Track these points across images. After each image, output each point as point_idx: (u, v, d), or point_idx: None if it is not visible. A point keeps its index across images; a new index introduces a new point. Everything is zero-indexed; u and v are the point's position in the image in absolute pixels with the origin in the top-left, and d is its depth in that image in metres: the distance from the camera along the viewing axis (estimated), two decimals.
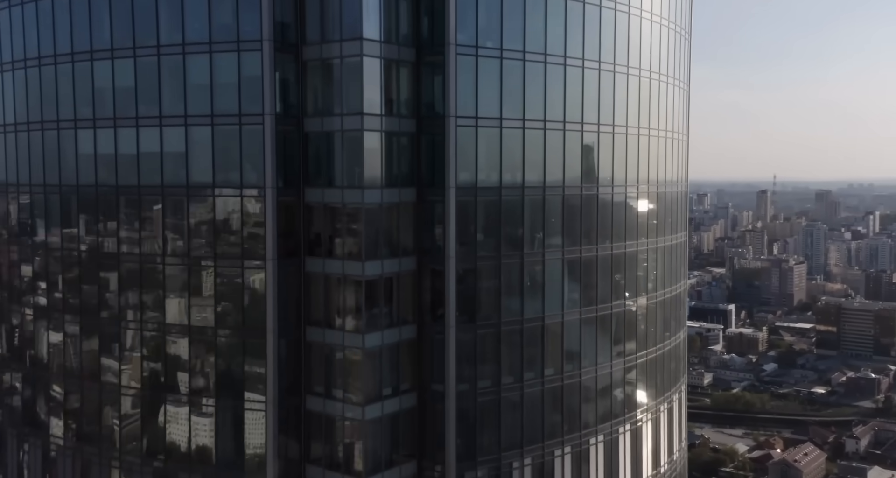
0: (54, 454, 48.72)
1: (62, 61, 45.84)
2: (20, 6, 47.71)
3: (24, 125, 48.52)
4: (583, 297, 46.98)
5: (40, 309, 49.00)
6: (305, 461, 43.00)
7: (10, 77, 49.33)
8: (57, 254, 47.78)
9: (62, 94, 46.15)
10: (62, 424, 48.34)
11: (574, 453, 46.97)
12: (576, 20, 45.37)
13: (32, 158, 48.37)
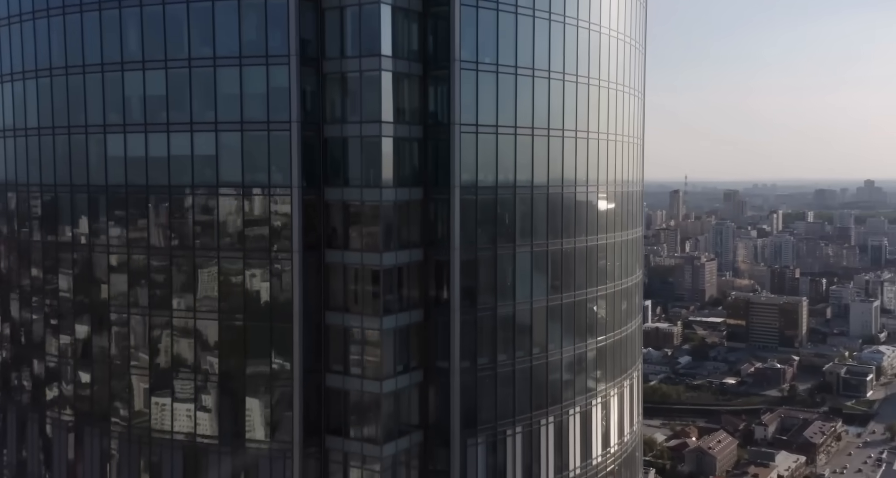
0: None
1: (91, 71, 49.70)
2: (45, 19, 51.34)
3: (50, 129, 52.04)
4: (563, 284, 53.04)
5: (74, 302, 52.59)
6: (325, 432, 47.96)
7: (33, 84, 52.77)
8: (83, 248, 51.55)
9: (91, 100, 49.98)
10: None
11: (556, 423, 53.07)
12: (557, 38, 51.44)
13: (58, 159, 51.95)
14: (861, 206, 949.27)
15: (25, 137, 53.70)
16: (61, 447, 53.23)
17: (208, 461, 48.66)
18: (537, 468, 52.08)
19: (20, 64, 53.54)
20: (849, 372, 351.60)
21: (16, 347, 56.79)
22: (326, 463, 48.09)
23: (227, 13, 46.19)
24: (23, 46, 53.15)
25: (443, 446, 48.62)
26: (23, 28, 52.83)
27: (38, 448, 55.03)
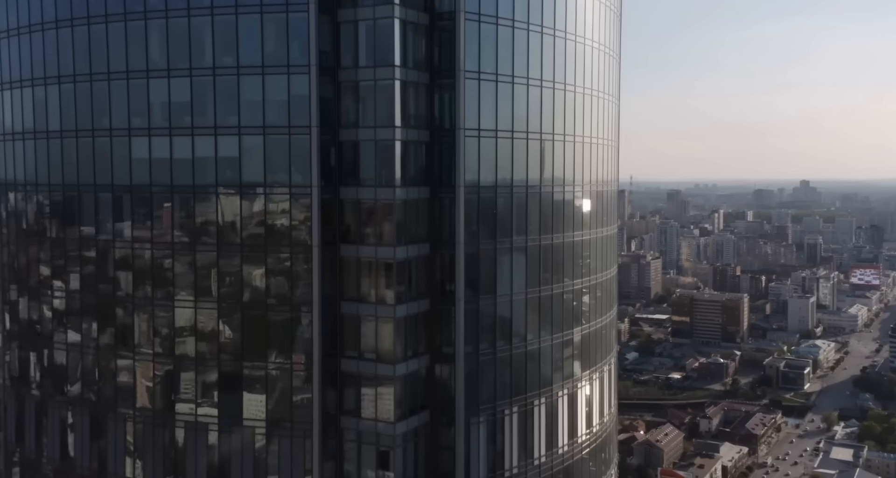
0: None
1: (116, 78, 52.93)
2: (69, 28, 54.36)
3: (73, 132, 55.07)
4: (553, 277, 57.71)
5: (100, 294, 55.65)
6: (340, 413, 51.93)
7: (55, 89, 55.71)
8: (106, 244, 54.76)
9: (116, 105, 53.26)
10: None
11: (547, 403, 57.75)
12: (548, 50, 56.10)
13: (81, 161, 55.01)
14: (797, 205, 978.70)
15: (47, 140, 56.53)
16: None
17: (232, 441, 52.24)
18: (531, 445, 56.66)
19: (42, 70, 56.36)
20: (787, 366, 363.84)
21: (46, 338, 59.29)
22: (342, 441, 52.04)
23: (249, 26, 49.91)
24: (44, 53, 56.05)
25: (447, 424, 52.96)
26: (45, 36, 55.77)
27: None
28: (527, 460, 56.23)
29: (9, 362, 61.79)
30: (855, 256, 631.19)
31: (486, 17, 51.79)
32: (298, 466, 51.21)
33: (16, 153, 59.26)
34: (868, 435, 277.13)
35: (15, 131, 59.29)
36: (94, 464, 56.47)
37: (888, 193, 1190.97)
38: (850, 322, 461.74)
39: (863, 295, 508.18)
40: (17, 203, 60.54)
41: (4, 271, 61.92)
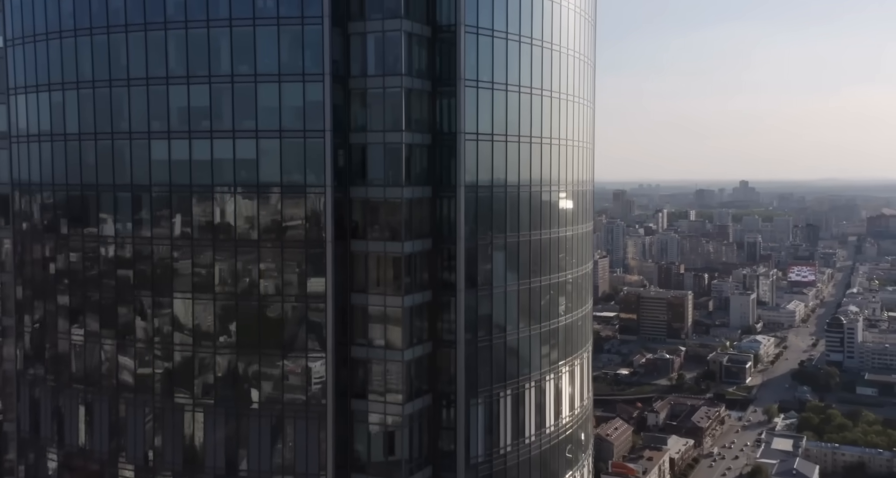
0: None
1: (136, 84, 56.24)
2: (88, 36, 57.42)
3: (91, 135, 58.17)
4: (541, 269, 62.38)
5: (125, 286, 58.80)
6: (350, 396, 55.98)
7: (73, 95, 58.71)
8: (123, 240, 58.06)
9: (135, 110, 56.52)
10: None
11: (536, 387, 62.45)
12: (536, 60, 60.75)
13: (100, 162, 58.13)
14: (737, 205, 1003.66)
15: (65, 142, 59.49)
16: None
17: (261, 421, 56.02)
18: (522, 424, 61.30)
19: (59, 75, 59.27)
20: (730, 361, 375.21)
21: (68, 330, 62.07)
22: (352, 423, 56.10)
23: (266, 37, 53.74)
24: (62, 60, 58.94)
25: (448, 406, 57.39)
26: (62, 44, 58.69)
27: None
28: (519, 439, 60.85)
29: (29, 353, 64.32)
30: (792, 254, 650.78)
31: (483, 30, 56.26)
32: (313, 445, 55.18)
33: (31, 154, 61.96)
34: (806, 426, 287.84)
35: (30, 133, 61.97)
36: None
37: (823, 194, 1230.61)
38: (789, 318, 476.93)
39: (800, 292, 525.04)
40: (32, 202, 63.10)
41: (21, 266, 64.39)
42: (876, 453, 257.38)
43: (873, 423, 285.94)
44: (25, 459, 65.29)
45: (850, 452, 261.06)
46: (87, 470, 60.84)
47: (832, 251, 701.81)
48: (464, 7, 54.84)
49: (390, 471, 55.50)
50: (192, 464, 57.15)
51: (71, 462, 61.93)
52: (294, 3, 53.18)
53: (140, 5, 55.58)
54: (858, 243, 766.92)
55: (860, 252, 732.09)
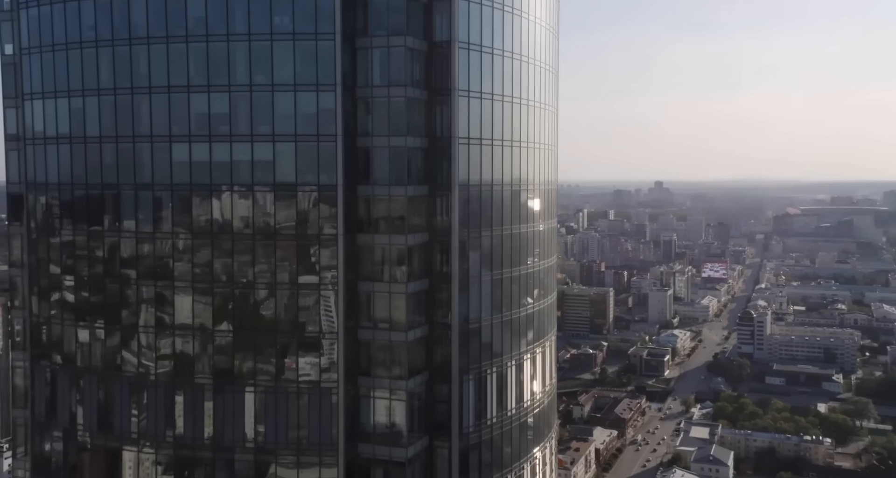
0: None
1: (158, 92, 61.37)
2: (110, 46, 62.29)
3: (113, 138, 63.01)
4: (520, 259, 69.59)
5: (147, 277, 63.73)
6: (357, 374, 62.23)
7: (94, 101, 63.45)
8: (145, 236, 63.12)
9: (157, 115, 61.66)
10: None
11: (516, 365, 69.68)
12: (516, 71, 67.99)
13: (121, 163, 63.00)
14: (652, 205, 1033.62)
15: (84, 144, 64.17)
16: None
17: (277, 398, 61.78)
18: (505, 398, 68.42)
19: (79, 82, 63.87)
20: (649, 354, 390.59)
21: (96, 319, 66.56)
22: (358, 398, 62.38)
23: (283, 50, 59.66)
24: (83, 68, 63.57)
25: (443, 382, 64.11)
26: (83, 53, 63.38)
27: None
28: (502, 411, 67.97)
29: (44, 342, 68.48)
30: (705, 251, 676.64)
31: (473, 46, 63.21)
32: (326, 418, 61.34)
33: (48, 156, 66.28)
34: (721, 415, 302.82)
35: (47, 136, 66.30)
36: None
37: (732, 194, 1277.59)
38: (703, 313, 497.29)
39: (713, 288, 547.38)
40: (48, 200, 67.39)
41: (36, 260, 68.49)
42: (784, 439, 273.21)
43: (782, 410, 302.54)
44: (39, 443, 69.42)
45: (762, 438, 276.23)
46: (105, 450, 65.54)
47: (742, 249, 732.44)
48: (457, 26, 61.67)
49: (393, 440, 62.01)
50: (213, 439, 62.59)
51: (89, 444, 66.51)
52: (308, 21, 59.26)
53: (162, 20, 60.80)
54: (765, 241, 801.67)
55: (767, 249, 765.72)
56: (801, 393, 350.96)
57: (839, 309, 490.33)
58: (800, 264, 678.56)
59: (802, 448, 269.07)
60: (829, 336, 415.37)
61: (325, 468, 61.39)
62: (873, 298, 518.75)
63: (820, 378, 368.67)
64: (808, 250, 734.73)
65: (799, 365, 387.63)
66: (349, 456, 61.92)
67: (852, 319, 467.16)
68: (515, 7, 67.36)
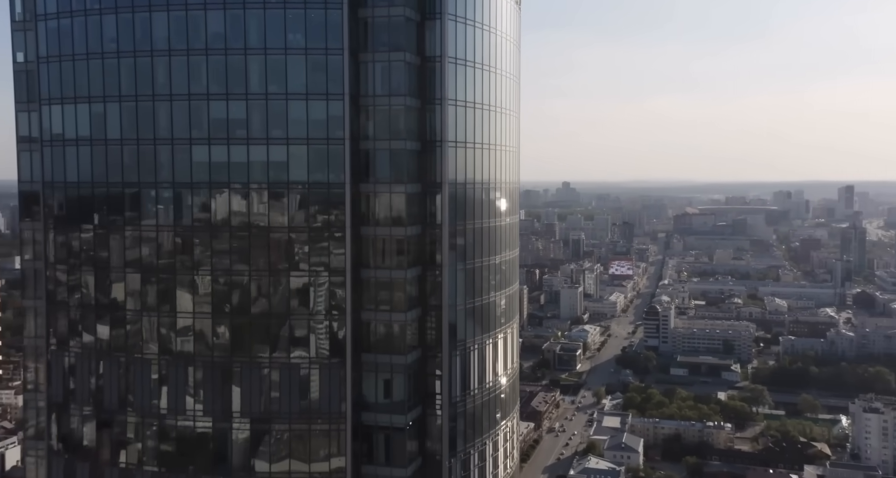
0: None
1: (178, 99, 67.93)
2: (132, 57, 68.49)
3: (134, 141, 69.16)
4: (494, 250, 78.38)
5: (168, 266, 69.97)
6: (360, 351, 70.03)
7: (115, 107, 69.46)
8: (170, 230, 69.51)
9: (178, 120, 68.17)
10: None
11: (492, 342, 78.50)
12: (492, 82, 76.78)
13: (142, 163, 69.18)
14: (561, 205, 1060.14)
15: (105, 146, 70.07)
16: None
17: (291, 372, 69.17)
18: (484, 371, 77.15)
19: (100, 89, 69.74)
20: (562, 349, 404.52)
21: (126, 306, 72.39)
22: (361, 371, 70.18)
23: (295, 63, 67.07)
24: (104, 76, 69.52)
25: (433, 357, 72.47)
26: (105, 64, 69.38)
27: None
28: (482, 384, 76.73)
29: (63, 328, 73.92)
30: (611, 249, 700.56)
31: (459, 60, 71.80)
32: (335, 390, 69.04)
33: (66, 157, 71.81)
34: (631, 405, 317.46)
35: (66, 139, 71.87)
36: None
37: (635, 194, 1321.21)
38: (611, 308, 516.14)
39: (620, 284, 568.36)
40: (67, 197, 72.91)
41: (54, 252, 73.80)
42: (689, 425, 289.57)
43: (686, 399, 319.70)
44: (58, 422, 74.79)
45: (668, 425, 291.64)
46: (125, 425, 71.62)
47: (645, 247, 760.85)
48: (447, 43, 70.20)
49: (393, 409, 70.16)
50: (237, 411, 69.50)
51: (110, 420, 72.41)
52: (319, 37, 66.89)
53: (183, 35, 67.44)
54: (667, 239, 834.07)
55: (669, 247, 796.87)
56: (703, 382, 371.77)
57: (736, 303, 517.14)
58: (699, 261, 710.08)
59: (705, 434, 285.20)
60: (727, 329, 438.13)
61: (333, 435, 69.03)
62: (766, 292, 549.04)
63: (720, 368, 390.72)
64: (707, 248, 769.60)
65: (700, 356, 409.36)
66: (353, 424, 69.63)
67: (748, 312, 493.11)
68: (487, 24, 76.04)
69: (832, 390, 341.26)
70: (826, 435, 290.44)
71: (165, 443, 70.84)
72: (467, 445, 74.51)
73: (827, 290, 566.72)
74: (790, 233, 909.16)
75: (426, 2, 70.44)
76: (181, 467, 70.48)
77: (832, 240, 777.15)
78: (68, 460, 74.21)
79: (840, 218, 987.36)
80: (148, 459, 71.16)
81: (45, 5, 71.40)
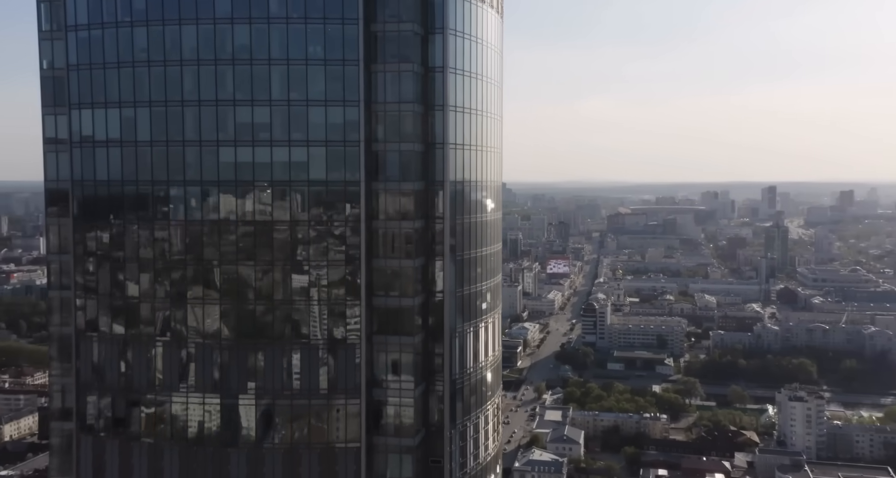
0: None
1: (206, 104, 74.45)
2: (162, 66, 74.75)
3: (163, 142, 75.40)
4: (482, 242, 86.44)
5: (195, 258, 76.30)
6: (372, 333, 77.48)
7: (146, 113, 75.58)
8: (198, 223, 75.94)
9: (205, 123, 74.63)
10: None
11: (483, 326, 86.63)
12: (482, 89, 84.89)
13: (171, 163, 75.41)
14: None
15: (135, 147, 76.16)
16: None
17: (311, 352, 76.22)
18: (477, 353, 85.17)
19: (131, 95, 75.82)
20: (503, 346, 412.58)
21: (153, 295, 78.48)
22: (373, 351, 77.64)
23: (316, 73, 74.23)
24: (134, 83, 75.57)
25: (436, 339, 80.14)
26: (135, 71, 75.45)
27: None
28: (476, 362, 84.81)
29: (91, 315, 79.60)
30: (548, 249, 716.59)
31: (458, 71, 79.74)
32: (351, 369, 76.43)
33: (96, 157, 77.57)
34: (571, 399, 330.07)
35: (97, 140, 77.66)
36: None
37: (570, 194, 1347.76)
38: (549, 306, 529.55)
39: (557, 283, 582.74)
40: (96, 194, 78.66)
41: (83, 245, 79.45)
42: (627, 417, 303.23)
43: (623, 392, 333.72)
44: (86, 404, 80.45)
45: (607, 417, 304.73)
46: (156, 403, 77.83)
47: (581, 246, 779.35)
48: (449, 55, 78.09)
49: (401, 386, 77.81)
50: (258, 388, 76.30)
51: (137, 400, 78.52)
52: (337, 49, 74.19)
53: (210, 46, 73.94)
54: (601, 239, 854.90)
55: (603, 246, 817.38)
56: (639, 376, 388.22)
57: (668, 300, 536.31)
58: (632, 260, 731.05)
59: (642, 425, 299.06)
60: (660, 325, 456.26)
61: (350, 409, 76.40)
62: (696, 289, 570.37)
63: (654, 362, 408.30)
64: (639, 247, 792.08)
65: (636, 351, 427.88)
66: (366, 399, 77.12)
67: (679, 308, 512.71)
68: (479, 37, 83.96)
69: (759, 381, 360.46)
70: (754, 424, 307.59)
71: (192, 420, 77.24)
72: (465, 417, 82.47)
73: (753, 286, 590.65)
74: (717, 232, 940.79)
75: (429, 18, 78.13)
76: (207, 442, 77.00)
77: (757, 238, 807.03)
78: (96, 439, 79.94)
79: (763, 217, 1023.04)
80: (175, 435, 77.47)
81: (76, 17, 77.06)
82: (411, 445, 77.82)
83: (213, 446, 77.03)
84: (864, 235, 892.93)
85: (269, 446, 76.49)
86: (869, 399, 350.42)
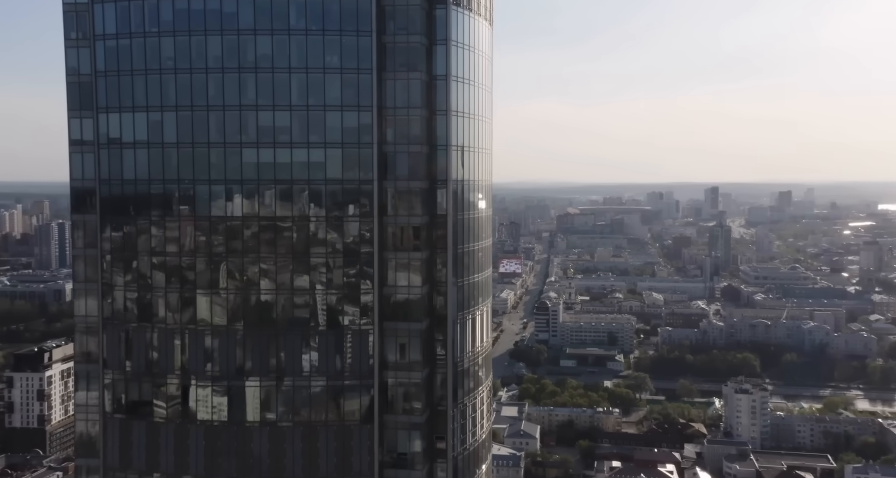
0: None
1: (230, 109, 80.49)
2: (188, 73, 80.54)
3: (189, 144, 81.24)
4: (477, 237, 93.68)
5: (219, 250, 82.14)
6: (383, 319, 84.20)
7: (172, 116, 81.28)
8: (222, 220, 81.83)
9: (229, 126, 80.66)
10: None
11: (480, 315, 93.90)
12: (479, 96, 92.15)
13: (197, 162, 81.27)
14: None
15: (162, 148, 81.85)
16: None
17: (326, 338, 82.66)
18: (474, 339, 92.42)
19: (158, 100, 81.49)
20: None
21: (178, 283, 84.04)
22: (383, 337, 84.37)
23: (332, 80, 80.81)
24: (161, 89, 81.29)
25: (439, 326, 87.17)
26: (162, 78, 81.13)
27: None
28: (473, 347, 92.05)
29: (118, 305, 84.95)
30: (500, 248, 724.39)
31: (460, 79, 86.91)
32: (364, 353, 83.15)
33: (124, 157, 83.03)
34: (526, 395, 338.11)
35: (124, 142, 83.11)
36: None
37: (519, 195, 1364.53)
38: (502, 305, 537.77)
39: (510, 282, 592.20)
40: (123, 192, 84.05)
41: (110, 240, 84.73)
42: (581, 412, 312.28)
43: (576, 388, 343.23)
44: (114, 388, 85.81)
45: (562, 412, 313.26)
46: (180, 387, 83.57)
47: (531, 246, 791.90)
48: (452, 64, 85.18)
49: (410, 368, 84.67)
50: (278, 371, 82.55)
51: (164, 383, 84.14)
52: (352, 59, 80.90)
53: (234, 55, 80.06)
54: (551, 238, 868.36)
55: (553, 246, 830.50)
56: (591, 372, 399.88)
57: (617, 298, 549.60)
58: (582, 259, 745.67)
59: (596, 419, 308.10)
60: (610, 322, 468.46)
61: (363, 389, 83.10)
62: (644, 287, 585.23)
63: (605, 359, 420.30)
64: (588, 246, 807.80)
65: (588, 348, 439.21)
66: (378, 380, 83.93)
67: (628, 305, 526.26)
68: (475, 46, 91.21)
69: (706, 375, 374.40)
70: (702, 416, 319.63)
71: (217, 399, 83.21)
72: (464, 398, 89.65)
73: (698, 284, 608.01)
74: (663, 231, 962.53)
75: (433, 30, 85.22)
76: (232, 421, 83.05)
77: (700, 238, 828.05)
78: (124, 420, 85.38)
79: (707, 217, 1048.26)
80: (201, 415, 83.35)
81: (104, 27, 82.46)
82: (419, 422, 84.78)
83: (237, 425, 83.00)
84: (801, 235, 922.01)
85: (288, 425, 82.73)
86: (809, 391, 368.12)
